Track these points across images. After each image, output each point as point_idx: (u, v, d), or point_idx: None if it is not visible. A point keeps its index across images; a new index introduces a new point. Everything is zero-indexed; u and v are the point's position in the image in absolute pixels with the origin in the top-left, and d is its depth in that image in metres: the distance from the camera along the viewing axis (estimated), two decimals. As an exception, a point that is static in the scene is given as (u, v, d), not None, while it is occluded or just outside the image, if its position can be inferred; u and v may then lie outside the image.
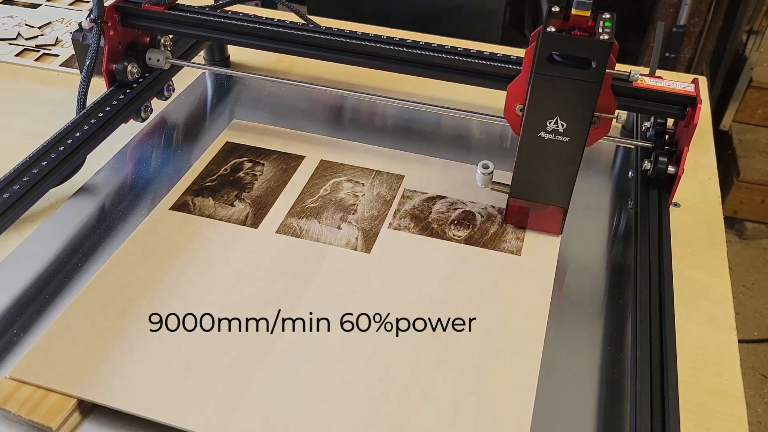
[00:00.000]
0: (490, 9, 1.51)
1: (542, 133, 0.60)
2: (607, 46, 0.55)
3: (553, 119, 0.59)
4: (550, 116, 0.59)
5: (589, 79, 0.56)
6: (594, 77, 0.56)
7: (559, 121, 0.59)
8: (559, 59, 0.56)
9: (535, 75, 0.57)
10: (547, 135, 0.60)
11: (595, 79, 0.56)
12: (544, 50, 0.56)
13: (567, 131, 0.59)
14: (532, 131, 0.60)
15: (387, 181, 0.73)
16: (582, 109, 0.58)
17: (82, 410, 0.51)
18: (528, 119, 0.60)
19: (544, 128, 0.59)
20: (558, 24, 0.56)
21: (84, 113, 0.71)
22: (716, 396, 0.54)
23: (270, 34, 0.73)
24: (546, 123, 0.59)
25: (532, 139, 0.60)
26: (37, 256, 0.63)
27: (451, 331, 0.57)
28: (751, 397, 1.49)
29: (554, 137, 0.60)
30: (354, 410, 0.51)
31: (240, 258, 0.63)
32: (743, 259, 1.80)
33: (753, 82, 1.86)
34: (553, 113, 0.59)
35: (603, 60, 0.55)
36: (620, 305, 0.61)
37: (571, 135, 0.59)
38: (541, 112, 0.59)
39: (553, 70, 0.56)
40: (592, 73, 0.56)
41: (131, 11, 0.75)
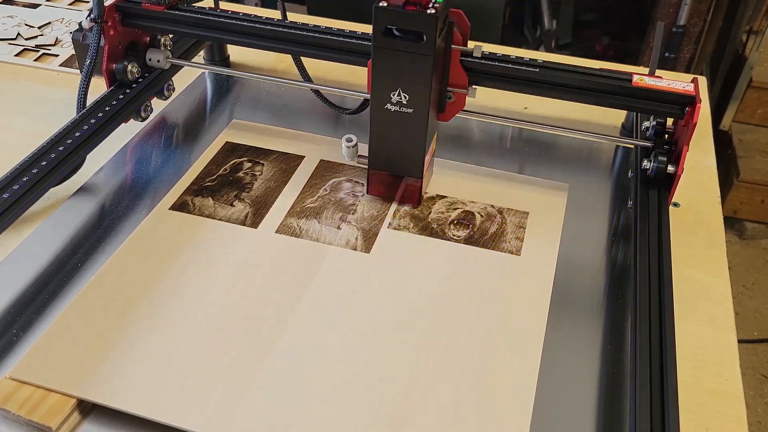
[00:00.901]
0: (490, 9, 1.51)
1: (388, 105, 0.63)
2: (433, 18, 0.58)
3: (395, 91, 0.62)
4: (392, 88, 0.62)
5: (422, 52, 0.60)
6: (427, 50, 0.59)
7: (401, 93, 0.62)
8: (398, 34, 0.60)
9: (373, 48, 0.61)
10: (393, 107, 0.63)
11: (428, 51, 0.59)
12: (378, 24, 0.59)
13: (410, 103, 0.63)
14: (379, 103, 0.64)
15: (387, 181, 0.73)
16: (420, 81, 0.61)
17: (82, 410, 0.51)
18: (374, 92, 0.63)
19: (389, 100, 0.63)
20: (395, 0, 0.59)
21: (84, 113, 0.71)
22: (716, 396, 0.54)
23: (270, 34, 0.73)
24: (390, 95, 0.63)
25: (380, 111, 0.64)
26: (37, 256, 0.63)
27: (451, 331, 0.57)
28: (751, 397, 1.49)
29: (399, 109, 0.63)
30: (354, 410, 0.51)
31: (240, 258, 0.63)
32: (743, 259, 1.80)
33: (753, 82, 1.86)
34: (395, 86, 0.62)
35: (432, 33, 0.58)
36: (620, 305, 0.61)
37: (415, 107, 0.63)
38: (385, 85, 0.63)
39: (390, 43, 0.60)
40: (424, 46, 0.59)
41: (131, 11, 0.75)
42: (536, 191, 0.72)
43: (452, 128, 0.82)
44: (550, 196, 0.72)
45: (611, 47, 1.96)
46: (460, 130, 0.82)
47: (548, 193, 0.72)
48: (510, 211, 0.69)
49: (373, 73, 0.62)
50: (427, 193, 0.71)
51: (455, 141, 0.80)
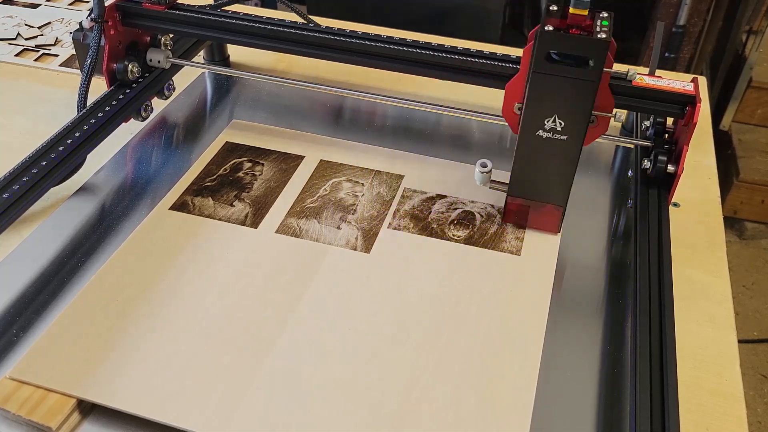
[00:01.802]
0: (489, 9, 1.51)
1: (540, 132, 0.60)
2: (605, 44, 0.55)
3: (551, 118, 0.59)
4: (548, 115, 0.59)
5: (586, 78, 0.56)
6: (592, 76, 0.56)
7: (557, 119, 0.59)
8: (557, 58, 0.56)
9: (533, 73, 0.57)
10: (545, 134, 0.60)
11: (593, 77, 0.56)
12: (542, 49, 0.56)
13: (565, 130, 0.59)
14: (531, 130, 0.60)
15: (387, 181, 0.73)
16: (580, 107, 0.58)
17: (82, 410, 0.51)
18: (526, 118, 0.60)
19: (542, 127, 0.60)
20: (556, 23, 0.56)
21: (84, 113, 0.71)
22: (716, 396, 0.54)
23: (270, 34, 0.73)
24: (544, 122, 0.59)
25: (531, 138, 0.60)
26: (37, 256, 0.63)
27: (451, 331, 0.57)
28: (751, 397, 1.49)
29: (552, 136, 0.60)
30: (354, 410, 0.51)
31: (240, 258, 0.63)
32: (743, 259, 1.80)
33: (753, 82, 1.86)
34: (551, 112, 0.59)
35: (601, 58, 0.55)
36: (620, 305, 0.61)
37: (569, 133, 0.59)
38: (539, 111, 0.59)
39: (550, 68, 0.56)
40: (590, 72, 0.56)
41: (132, 10, 0.75)
42: (536, 191, 0.72)
43: (452, 128, 0.82)
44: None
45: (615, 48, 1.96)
46: (460, 130, 0.82)
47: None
48: (510, 211, 0.69)
49: (529, 99, 0.58)
50: (427, 192, 0.71)
51: (455, 141, 0.80)
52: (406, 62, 0.71)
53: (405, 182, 0.72)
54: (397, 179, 0.73)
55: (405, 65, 0.71)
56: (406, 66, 0.71)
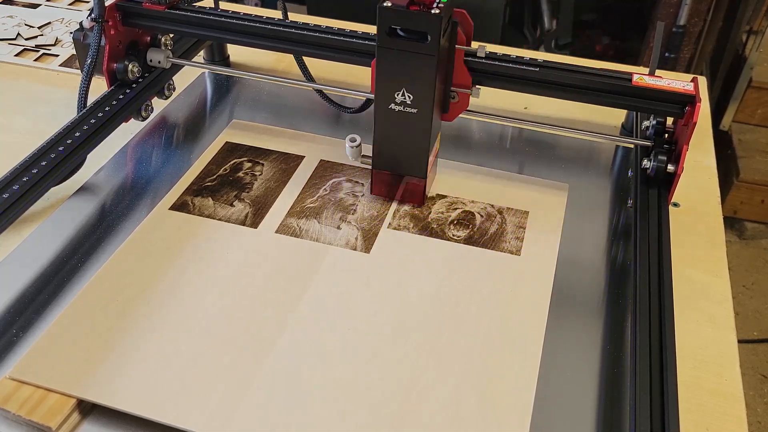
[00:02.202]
0: (490, 9, 1.51)
1: (392, 105, 0.63)
2: (438, 18, 0.58)
3: (399, 91, 0.62)
4: (396, 88, 0.62)
5: (427, 52, 0.60)
6: (431, 50, 0.59)
7: (405, 93, 0.62)
8: (403, 34, 0.60)
9: (377, 48, 0.61)
10: (397, 107, 0.63)
11: (432, 51, 0.59)
12: (383, 24, 0.59)
13: (414, 103, 0.63)
14: (383, 103, 0.64)
15: (387, 181, 0.72)
16: (425, 81, 0.61)
17: (82, 410, 0.51)
18: (378, 91, 0.63)
19: (393, 100, 0.63)
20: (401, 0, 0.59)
21: (84, 112, 0.71)
22: (716, 396, 0.54)
23: (270, 33, 0.73)
24: (394, 95, 0.63)
25: (385, 111, 0.64)
26: (37, 256, 0.63)
27: (451, 331, 0.57)
28: (751, 397, 1.49)
29: (404, 109, 0.63)
30: (354, 410, 0.51)
31: (240, 258, 0.63)
32: (743, 259, 1.80)
33: (753, 82, 1.86)
34: (399, 86, 0.62)
35: (436, 33, 0.58)
36: (620, 305, 0.61)
37: (419, 107, 0.63)
38: (388, 85, 0.63)
39: (394, 43, 0.60)
40: (429, 46, 0.59)
41: (132, 10, 0.75)
42: (536, 191, 0.72)
43: (453, 128, 0.82)
44: (550, 196, 0.72)
45: (611, 47, 1.96)
46: (460, 130, 0.82)
47: (548, 193, 0.72)
48: (510, 211, 0.69)
49: (377, 73, 0.62)
50: (429, 192, 0.71)
51: (455, 141, 0.80)
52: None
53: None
54: (397, 179, 0.73)
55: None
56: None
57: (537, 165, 0.76)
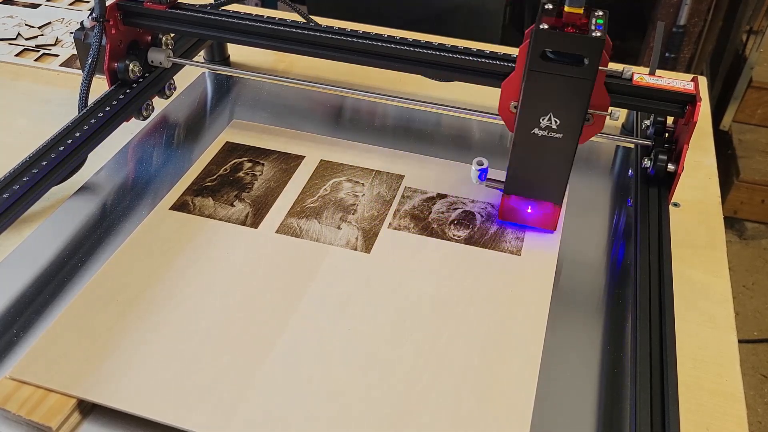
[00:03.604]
0: (490, 9, 1.51)
1: (536, 130, 0.60)
2: (600, 42, 0.55)
3: (546, 116, 0.59)
4: (543, 113, 0.59)
5: (581, 76, 0.57)
6: (587, 74, 0.56)
7: (552, 117, 0.59)
8: (553, 56, 0.57)
9: (528, 72, 0.58)
10: (541, 132, 0.60)
11: (588, 76, 0.56)
12: (537, 47, 0.56)
13: (560, 128, 0.60)
14: (526, 128, 0.60)
15: (387, 181, 0.73)
16: (575, 105, 0.58)
17: (82, 410, 0.51)
18: (522, 116, 0.60)
19: (537, 125, 0.60)
20: (551, 21, 0.56)
21: (85, 112, 0.71)
22: (716, 396, 0.54)
23: (271, 33, 0.73)
24: (539, 120, 0.60)
25: (526, 136, 0.61)
26: (37, 256, 0.63)
27: (451, 331, 0.57)
28: (751, 397, 1.49)
29: (548, 134, 0.60)
30: (354, 410, 0.51)
31: (240, 258, 0.63)
32: (743, 259, 1.80)
33: (753, 82, 1.86)
34: (546, 110, 0.59)
35: (595, 57, 0.55)
36: (620, 305, 0.61)
37: (565, 131, 0.60)
38: (535, 109, 0.59)
39: (546, 67, 0.57)
40: (585, 70, 0.56)
41: (133, 10, 0.75)
42: (536, 191, 0.72)
43: (452, 128, 0.82)
44: (550, 196, 0.71)
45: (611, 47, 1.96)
46: (460, 130, 0.82)
47: (548, 193, 0.72)
48: (510, 211, 0.69)
49: (524, 97, 0.59)
50: (427, 192, 0.71)
51: (455, 141, 0.80)
52: (406, 61, 0.71)
53: (405, 182, 0.72)
54: (397, 179, 0.73)
55: (405, 64, 0.71)
56: (406, 65, 0.71)
57: (537, 165, 0.76)
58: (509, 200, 0.66)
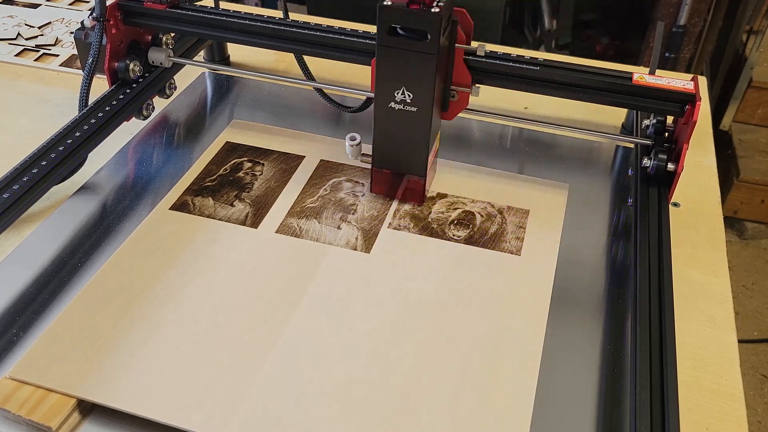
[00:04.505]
0: (490, 9, 1.51)
1: (392, 104, 0.63)
2: (437, 17, 0.57)
3: (399, 90, 0.62)
4: (396, 87, 0.62)
5: (426, 51, 0.59)
6: (431, 48, 0.59)
7: (405, 91, 0.62)
8: (403, 32, 0.60)
9: (377, 47, 0.61)
10: (397, 105, 0.63)
11: (432, 50, 0.59)
12: (383, 23, 0.59)
13: (414, 101, 0.62)
14: (383, 102, 0.64)
15: (387, 181, 0.72)
16: (425, 79, 0.61)
17: (82, 410, 0.51)
18: (378, 90, 0.63)
19: (393, 99, 0.63)
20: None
21: (85, 111, 0.71)
22: (716, 396, 0.54)
23: (271, 33, 0.73)
24: (394, 94, 0.62)
25: (384, 110, 0.64)
26: (37, 256, 0.63)
27: (451, 331, 0.57)
28: (751, 397, 1.49)
29: (403, 107, 0.63)
30: (354, 410, 0.51)
31: (240, 258, 0.63)
32: (743, 259, 1.80)
33: (753, 82, 1.86)
34: (399, 84, 0.62)
35: (436, 31, 0.58)
36: (620, 305, 0.61)
37: (419, 105, 0.63)
38: (388, 83, 0.62)
39: (394, 42, 0.60)
40: (429, 44, 0.59)
41: (133, 9, 0.75)
42: (536, 191, 0.72)
43: (453, 128, 0.82)
44: (550, 196, 0.72)
45: (611, 47, 1.96)
46: (460, 129, 0.82)
47: (548, 193, 0.72)
48: (510, 211, 0.69)
49: (377, 72, 0.62)
50: (429, 192, 0.71)
51: (455, 141, 0.80)
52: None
53: (405, 182, 0.72)
54: (397, 179, 0.73)
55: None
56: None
57: (537, 165, 0.76)
58: (378, 173, 0.68)
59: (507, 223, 0.68)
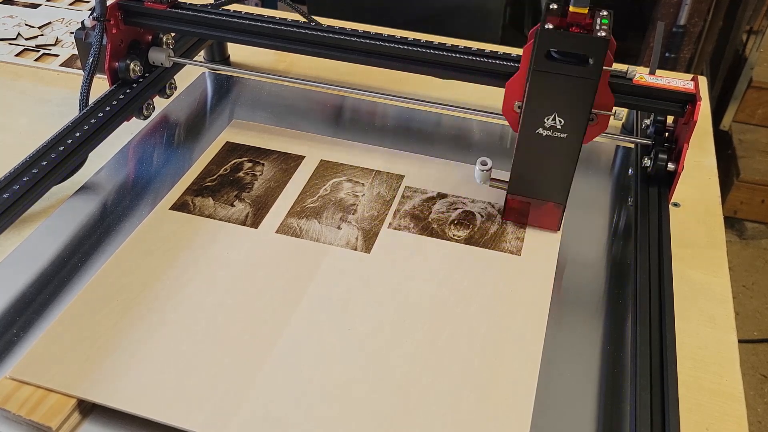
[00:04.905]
0: (490, 9, 1.51)
1: (540, 130, 0.60)
2: (604, 42, 0.55)
3: (550, 116, 0.59)
4: (548, 113, 0.59)
5: (586, 76, 0.56)
6: (591, 74, 0.56)
7: (557, 117, 0.59)
8: (557, 56, 0.57)
9: (533, 71, 0.57)
10: (545, 131, 0.60)
11: (593, 75, 0.56)
12: (542, 47, 0.56)
13: (565, 128, 0.59)
14: (530, 128, 0.60)
15: (387, 181, 0.73)
16: (580, 105, 0.58)
17: (82, 410, 0.51)
18: (526, 115, 0.60)
19: (542, 125, 0.60)
20: (556, 21, 0.56)
21: (86, 111, 0.71)
22: (716, 396, 0.54)
23: (272, 32, 0.73)
24: (544, 119, 0.59)
25: (531, 136, 0.61)
26: (37, 256, 0.63)
27: (451, 331, 0.57)
28: (751, 397, 1.49)
29: (552, 134, 0.60)
30: (354, 410, 0.51)
31: (240, 258, 0.63)
32: (743, 259, 1.80)
33: (753, 82, 1.86)
34: (551, 110, 0.59)
35: (600, 56, 0.55)
36: (620, 304, 0.61)
37: (569, 131, 0.60)
38: (539, 109, 0.59)
39: (551, 66, 0.57)
40: (590, 70, 0.56)
41: (133, 9, 0.75)
42: (536, 191, 0.72)
43: (453, 128, 0.82)
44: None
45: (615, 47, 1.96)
46: (460, 130, 0.82)
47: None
48: (510, 211, 0.69)
49: (529, 97, 0.59)
50: (427, 192, 0.71)
51: (455, 141, 0.80)
52: (407, 61, 0.71)
53: (405, 182, 0.72)
54: (397, 179, 0.73)
55: (406, 64, 0.71)
56: (406, 65, 0.71)
57: (537, 165, 0.76)
58: (513, 200, 0.66)
59: (507, 223, 0.68)
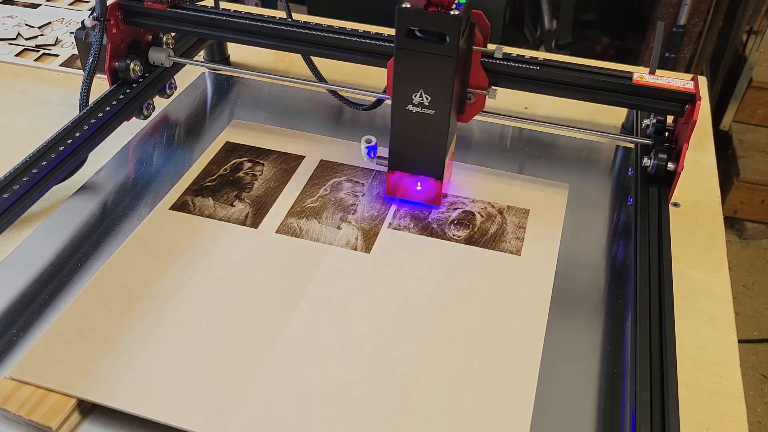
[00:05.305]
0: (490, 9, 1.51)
1: (410, 107, 0.63)
2: (458, 20, 0.57)
3: (417, 93, 0.62)
4: (414, 90, 0.62)
5: (445, 53, 0.59)
6: (449, 51, 0.59)
7: (423, 94, 0.62)
8: (421, 35, 0.59)
9: (396, 49, 0.60)
10: (414, 108, 0.63)
11: (451, 53, 0.59)
12: (401, 25, 0.59)
13: (432, 104, 0.62)
14: (401, 104, 0.63)
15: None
16: (442, 82, 0.61)
17: (82, 410, 0.51)
18: (395, 93, 0.63)
19: (410, 101, 0.63)
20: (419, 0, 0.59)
21: (86, 111, 0.71)
22: (716, 396, 0.54)
23: (272, 32, 0.73)
24: (411, 96, 0.62)
25: (402, 113, 0.64)
26: (37, 256, 0.63)
27: (451, 331, 0.57)
28: (751, 397, 1.49)
29: (421, 110, 0.63)
30: (354, 410, 0.51)
31: (240, 258, 0.63)
32: (743, 259, 1.80)
33: (753, 82, 1.86)
34: (416, 87, 0.62)
35: (455, 34, 0.58)
36: (620, 304, 0.61)
37: (436, 108, 0.62)
38: (406, 86, 0.62)
39: (412, 44, 0.60)
40: (448, 47, 0.59)
41: (134, 9, 0.75)
42: (536, 191, 0.72)
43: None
44: (550, 196, 0.72)
45: (611, 47, 1.96)
46: (460, 129, 0.82)
47: (548, 193, 0.72)
48: (510, 211, 0.69)
49: (395, 74, 0.62)
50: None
51: (456, 141, 0.80)
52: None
53: (405, 182, 0.72)
54: (397, 179, 0.73)
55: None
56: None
57: (537, 165, 0.76)
58: (394, 176, 0.68)
59: (507, 223, 0.68)
